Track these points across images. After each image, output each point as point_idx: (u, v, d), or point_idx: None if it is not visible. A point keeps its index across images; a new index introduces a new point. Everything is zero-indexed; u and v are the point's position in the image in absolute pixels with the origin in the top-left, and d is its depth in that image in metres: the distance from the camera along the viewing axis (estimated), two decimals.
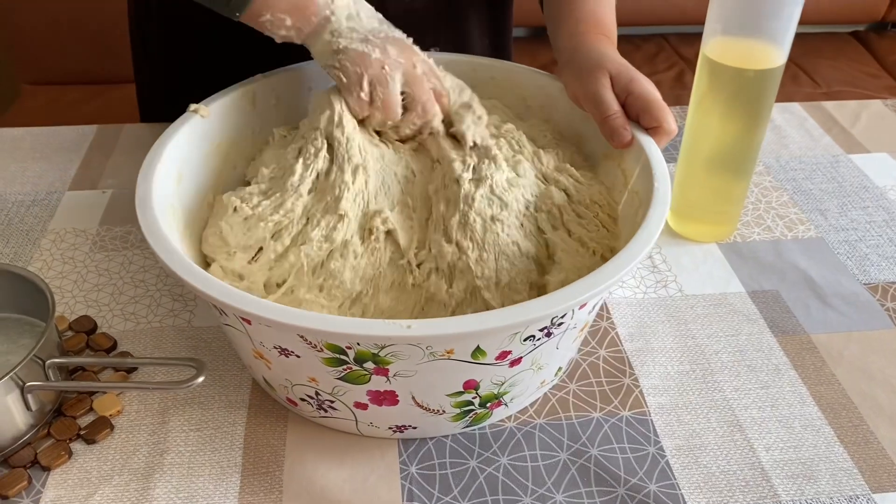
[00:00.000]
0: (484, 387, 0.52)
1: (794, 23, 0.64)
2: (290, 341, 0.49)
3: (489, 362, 0.50)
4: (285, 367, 0.52)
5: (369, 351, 0.47)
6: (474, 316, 0.46)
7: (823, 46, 1.84)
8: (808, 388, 0.61)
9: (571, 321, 0.52)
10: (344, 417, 0.55)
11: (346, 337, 0.45)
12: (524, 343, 0.50)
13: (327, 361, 0.49)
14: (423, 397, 0.52)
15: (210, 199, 0.65)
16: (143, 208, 0.54)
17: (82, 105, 1.57)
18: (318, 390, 0.53)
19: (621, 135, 0.61)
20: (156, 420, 0.58)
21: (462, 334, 0.45)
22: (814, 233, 0.77)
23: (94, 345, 0.63)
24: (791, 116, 0.96)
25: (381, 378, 0.50)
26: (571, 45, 0.67)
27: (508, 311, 0.46)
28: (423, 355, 0.48)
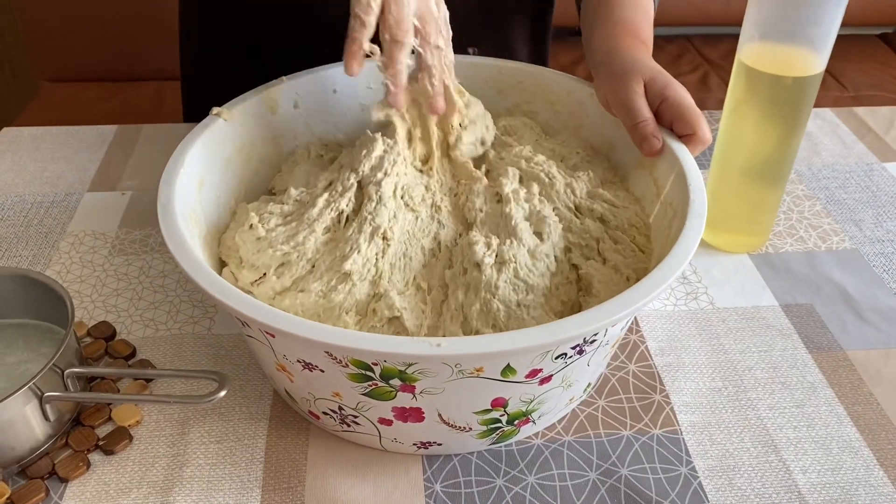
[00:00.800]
0: (512, 404, 0.51)
1: (836, 28, 0.62)
2: (314, 356, 0.47)
3: (519, 380, 0.48)
4: (308, 381, 0.51)
5: (396, 368, 0.46)
6: (506, 335, 0.44)
7: (850, 49, 1.81)
8: (845, 408, 0.59)
9: (604, 338, 0.51)
10: (367, 433, 0.53)
11: (374, 354, 0.44)
12: (555, 361, 0.48)
13: (352, 377, 0.47)
14: (450, 414, 0.50)
15: (232, 204, 0.64)
16: (165, 215, 0.53)
17: (100, 103, 1.56)
18: (342, 405, 0.51)
19: (651, 142, 0.59)
20: (175, 431, 0.56)
21: (493, 353, 0.44)
22: (848, 244, 0.75)
23: (113, 352, 0.62)
24: (823, 123, 0.94)
25: (407, 395, 0.48)
26: (606, 49, 0.65)
27: (541, 330, 0.44)
28: (451, 373, 0.46)
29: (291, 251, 0.55)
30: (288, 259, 0.55)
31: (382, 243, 0.55)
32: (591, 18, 0.69)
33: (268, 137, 0.68)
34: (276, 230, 0.56)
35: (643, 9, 0.68)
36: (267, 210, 0.58)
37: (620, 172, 0.66)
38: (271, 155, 0.68)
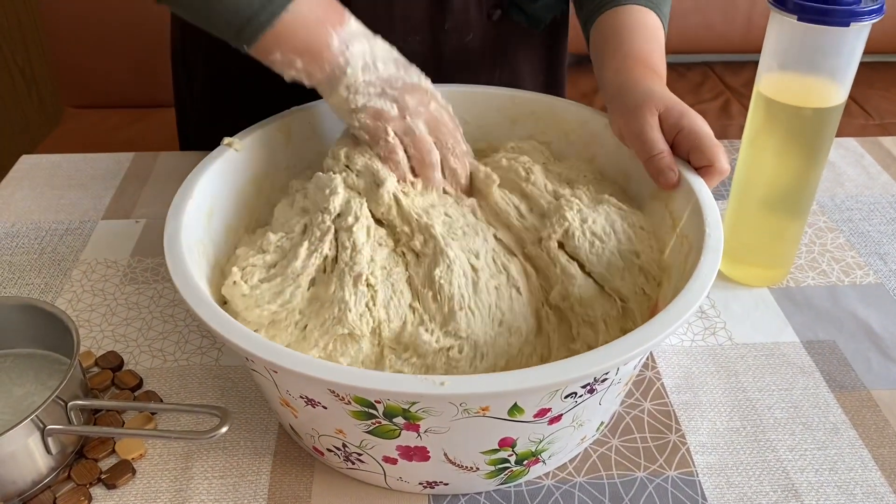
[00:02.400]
0: (521, 444, 0.49)
1: (857, 59, 0.60)
2: (316, 392, 0.46)
3: (527, 420, 0.47)
4: (312, 417, 0.50)
5: (400, 406, 0.45)
6: (512, 374, 0.43)
7: (876, 77, 1.79)
8: (869, 451, 0.57)
9: (616, 376, 0.49)
10: (372, 471, 0.52)
11: (376, 393, 0.43)
12: (565, 400, 0.47)
13: (355, 414, 0.46)
14: (456, 454, 0.49)
15: (242, 234, 0.64)
16: (171, 248, 0.52)
17: (123, 129, 1.58)
18: (346, 442, 0.50)
19: (667, 175, 0.58)
20: (179, 465, 0.56)
21: (499, 393, 0.43)
22: (873, 278, 0.73)
23: (119, 382, 0.61)
24: (847, 153, 0.92)
25: (411, 433, 0.47)
26: (618, 81, 0.63)
27: (549, 369, 0.43)
28: (456, 412, 0.45)
29: (280, 310, 0.53)
30: (277, 318, 0.53)
31: (368, 290, 0.53)
32: (601, 51, 0.68)
33: (280, 167, 0.67)
34: (260, 287, 0.55)
35: (654, 38, 0.67)
36: (250, 262, 0.56)
37: (636, 204, 0.65)
38: (283, 184, 0.68)
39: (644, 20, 0.68)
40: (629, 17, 0.69)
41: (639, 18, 0.69)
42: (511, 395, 0.44)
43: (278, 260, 0.56)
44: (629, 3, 0.69)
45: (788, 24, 0.59)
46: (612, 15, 0.69)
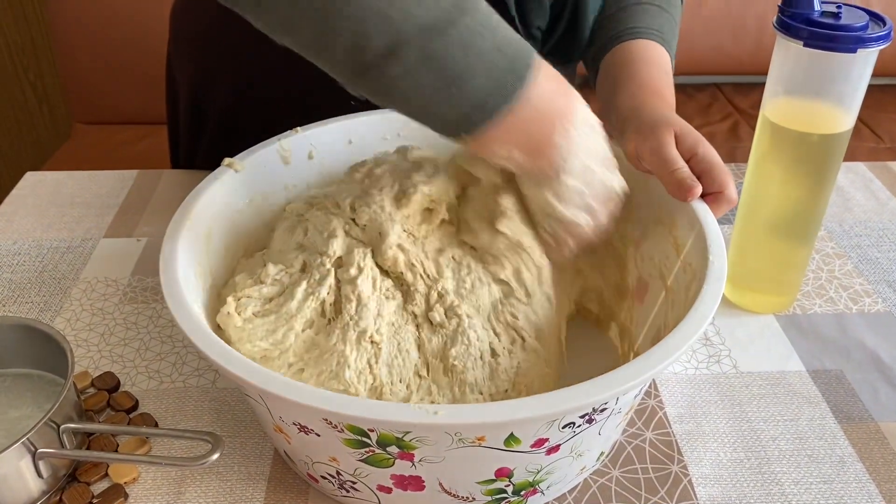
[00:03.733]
0: (518, 475, 0.48)
1: (864, 85, 0.60)
2: (309, 419, 0.46)
3: (524, 450, 0.46)
4: (305, 444, 0.49)
5: (393, 435, 0.44)
6: (507, 403, 0.42)
7: (887, 99, 1.78)
8: (876, 486, 0.55)
9: (616, 406, 0.48)
10: (367, 499, 0.51)
11: (369, 422, 0.42)
12: (563, 430, 0.46)
13: (348, 443, 0.46)
14: (452, 484, 0.48)
15: (239, 256, 0.63)
16: (167, 270, 0.52)
17: (131, 145, 1.59)
18: (340, 470, 0.49)
19: (688, 185, 0.56)
20: (172, 489, 0.55)
21: (494, 424, 0.42)
22: (881, 307, 0.72)
23: (115, 404, 0.61)
24: (855, 177, 0.91)
25: (405, 462, 0.46)
26: (633, 105, 0.64)
27: (545, 399, 0.42)
28: (451, 442, 0.44)
29: (271, 348, 0.52)
30: (269, 355, 0.52)
31: (372, 347, 0.52)
32: (614, 79, 0.68)
33: (279, 188, 0.67)
34: (253, 321, 0.54)
35: (664, 71, 0.67)
36: (245, 293, 0.55)
37: (639, 230, 0.64)
38: (282, 205, 0.67)
39: (654, 53, 0.69)
40: (643, 50, 0.69)
41: (651, 52, 0.69)
42: (506, 425, 0.43)
43: (275, 295, 0.55)
44: (640, 37, 0.69)
45: (795, 49, 0.59)
46: (626, 47, 0.70)
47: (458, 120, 0.48)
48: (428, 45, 0.45)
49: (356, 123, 0.70)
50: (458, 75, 0.46)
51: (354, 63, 0.46)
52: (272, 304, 0.55)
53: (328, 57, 0.46)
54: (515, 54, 0.47)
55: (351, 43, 0.44)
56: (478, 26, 0.46)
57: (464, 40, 0.45)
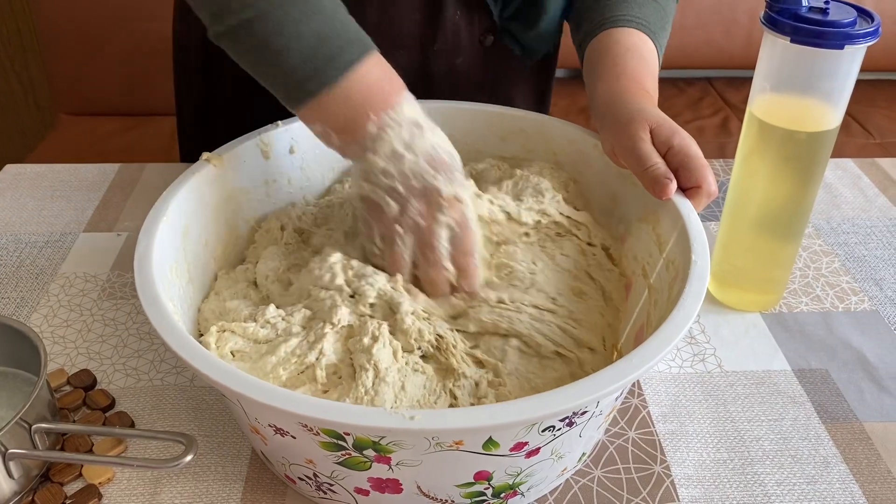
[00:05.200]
0: (497, 477, 0.48)
1: (852, 81, 0.59)
2: (285, 422, 0.45)
3: (503, 453, 0.45)
4: (281, 446, 0.48)
5: (369, 438, 0.43)
6: (485, 408, 0.41)
7: (877, 95, 1.77)
8: (860, 486, 0.55)
9: (596, 409, 0.47)
10: (344, 502, 0.50)
11: (345, 426, 0.41)
12: (543, 433, 0.45)
13: (324, 445, 0.45)
14: (430, 487, 0.47)
15: (219, 252, 0.62)
16: (141, 268, 0.51)
17: (117, 137, 1.57)
18: (317, 472, 0.48)
19: (663, 183, 0.55)
20: (147, 490, 0.54)
21: (471, 429, 0.41)
22: (868, 305, 0.71)
23: (91, 402, 0.60)
24: (844, 174, 0.91)
25: (382, 466, 0.45)
26: (609, 98, 0.62)
27: (523, 404, 0.41)
28: (428, 445, 0.43)
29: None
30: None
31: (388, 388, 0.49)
32: (594, 68, 0.67)
33: (260, 183, 0.66)
34: (227, 361, 0.52)
35: (645, 60, 0.66)
36: (230, 328, 0.54)
37: (623, 227, 0.63)
38: (262, 201, 0.66)
39: (638, 43, 0.67)
40: (625, 38, 0.68)
41: (634, 41, 0.68)
42: (484, 430, 0.42)
43: (262, 339, 0.54)
44: (622, 25, 0.68)
45: (782, 45, 0.58)
46: (609, 35, 0.68)
47: (284, 92, 0.55)
48: (249, 23, 0.53)
49: None
50: (277, 52, 0.53)
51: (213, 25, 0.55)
52: (253, 350, 0.53)
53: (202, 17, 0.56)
54: (339, 46, 0.54)
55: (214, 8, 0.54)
56: (303, 13, 0.53)
57: (282, 23, 0.53)
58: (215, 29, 0.55)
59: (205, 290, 0.61)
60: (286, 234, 0.64)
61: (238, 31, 0.54)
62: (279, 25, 0.52)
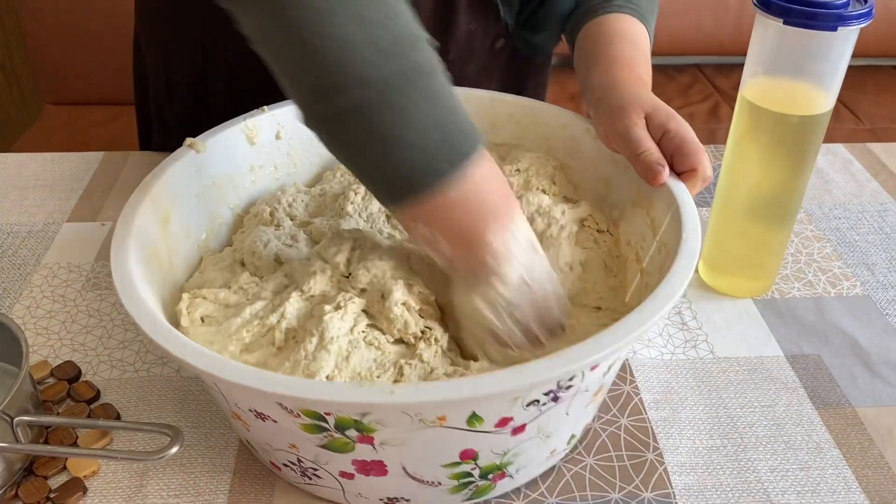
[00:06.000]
0: (483, 457, 0.47)
1: (845, 64, 0.58)
2: (264, 405, 0.44)
3: (487, 430, 0.44)
4: (263, 431, 0.47)
5: (350, 418, 0.42)
6: (466, 380, 0.40)
7: (867, 80, 1.77)
8: (853, 472, 0.55)
9: (582, 384, 0.46)
10: (330, 486, 0.50)
11: (323, 404, 0.40)
12: (527, 409, 0.44)
13: (306, 428, 0.44)
14: (416, 468, 0.47)
15: (203, 239, 0.62)
16: (118, 254, 0.50)
17: (101, 126, 1.55)
18: (300, 457, 0.48)
19: (655, 170, 0.54)
20: (133, 483, 0.53)
21: (453, 401, 0.40)
22: (860, 290, 0.71)
23: (75, 395, 0.59)
24: (835, 159, 0.90)
25: (366, 446, 0.44)
26: (605, 83, 0.62)
27: (505, 375, 0.40)
28: (411, 422, 0.42)
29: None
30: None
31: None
32: (588, 55, 0.66)
33: (245, 169, 0.65)
34: (196, 327, 0.52)
35: (638, 46, 0.66)
36: (202, 293, 0.54)
37: (617, 212, 0.62)
38: (247, 188, 0.65)
39: (631, 28, 0.67)
40: (617, 24, 0.67)
41: (626, 26, 0.67)
42: (466, 402, 0.41)
43: (234, 304, 0.53)
44: (615, 11, 0.67)
45: (774, 27, 0.57)
46: (600, 22, 0.68)
47: (385, 186, 0.47)
48: (365, 101, 0.43)
49: None
50: (388, 141, 0.44)
51: (302, 91, 0.45)
52: (223, 314, 0.52)
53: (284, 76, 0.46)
54: (457, 138, 0.46)
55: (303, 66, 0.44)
56: (422, 99, 0.44)
57: (402, 108, 0.44)
58: (316, 109, 0.46)
59: (188, 277, 0.60)
60: (277, 218, 0.63)
61: (347, 115, 0.44)
62: (399, 111, 0.44)
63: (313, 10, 0.42)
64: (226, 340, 0.50)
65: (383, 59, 0.43)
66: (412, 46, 0.45)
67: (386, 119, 0.44)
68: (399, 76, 0.44)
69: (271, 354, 0.50)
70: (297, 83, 0.45)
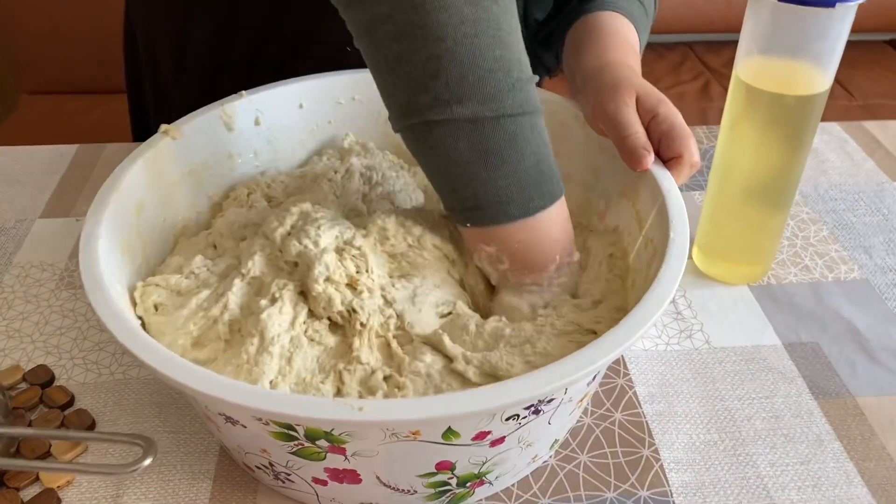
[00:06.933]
0: (461, 467, 0.45)
1: (842, 44, 0.56)
2: (233, 412, 0.42)
3: (465, 443, 0.42)
4: (235, 435, 0.45)
5: (321, 429, 0.40)
6: (440, 398, 0.38)
7: (858, 56, 1.75)
8: (854, 464, 0.53)
9: (565, 396, 0.45)
10: (303, 491, 0.48)
11: (289, 417, 0.38)
12: (507, 422, 0.42)
13: (276, 435, 0.42)
14: (390, 477, 0.45)
15: (179, 229, 0.59)
16: (86, 247, 0.48)
17: (80, 116, 1.52)
18: (272, 461, 0.46)
19: (639, 154, 0.53)
20: (109, 493, 0.51)
21: (425, 420, 0.38)
22: (857, 274, 0.69)
23: (48, 400, 0.56)
24: (830, 138, 0.88)
25: (338, 456, 0.43)
26: (595, 65, 0.61)
27: (481, 393, 0.38)
28: (384, 436, 0.40)
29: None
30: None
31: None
32: (577, 48, 0.66)
33: (223, 156, 0.62)
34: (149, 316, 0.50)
35: (629, 42, 0.66)
36: (154, 281, 0.52)
37: (603, 202, 0.60)
38: (225, 175, 0.63)
39: (622, 26, 0.67)
40: (609, 21, 0.67)
41: (618, 24, 0.67)
42: (441, 420, 0.39)
43: (184, 290, 0.51)
44: (604, 9, 0.68)
45: (769, 5, 0.55)
46: (594, 17, 0.68)
47: (472, 207, 0.49)
48: (484, 119, 0.46)
49: (308, 86, 0.66)
50: (494, 162, 0.47)
51: (419, 93, 0.46)
52: (173, 303, 0.50)
53: (395, 76, 0.46)
54: (549, 178, 0.49)
55: (431, 72, 0.45)
56: (531, 132, 0.47)
57: (515, 135, 0.47)
58: (424, 117, 0.46)
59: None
60: (252, 199, 0.60)
61: (457, 126, 0.46)
62: (511, 137, 0.46)
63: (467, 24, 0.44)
64: (175, 333, 0.48)
65: (511, 89, 0.46)
66: (531, 83, 0.48)
67: (500, 141, 0.46)
68: (518, 108, 0.46)
69: (220, 350, 0.48)
70: (416, 85, 0.46)
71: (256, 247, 0.52)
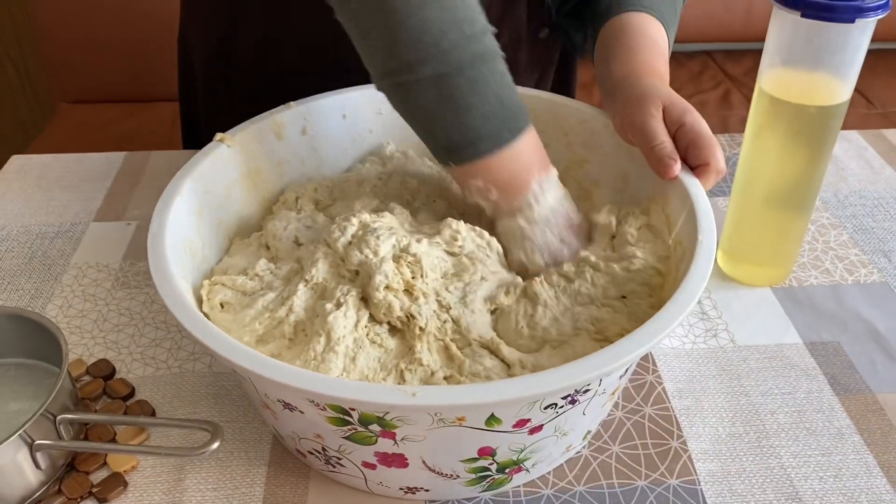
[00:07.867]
0: (501, 453, 0.48)
1: (862, 54, 0.59)
2: (293, 398, 0.45)
3: (506, 430, 0.46)
4: (291, 421, 0.49)
5: (374, 414, 0.44)
6: (487, 385, 0.42)
7: (878, 64, 1.77)
8: (874, 457, 0.56)
9: (599, 387, 0.48)
10: (352, 475, 0.51)
11: (347, 401, 0.42)
12: (545, 411, 0.46)
13: (331, 420, 0.46)
14: (435, 462, 0.48)
15: (234, 232, 0.63)
16: (154, 247, 0.52)
17: (117, 124, 1.56)
18: (325, 446, 0.49)
19: (667, 163, 0.56)
20: (172, 477, 0.55)
21: (472, 405, 0.41)
22: (877, 277, 0.72)
23: (111, 391, 0.60)
24: (850, 146, 0.91)
25: (388, 441, 0.46)
26: (623, 73, 0.63)
27: (525, 382, 0.42)
28: (431, 421, 0.44)
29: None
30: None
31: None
32: (608, 48, 0.68)
33: (273, 163, 0.66)
34: (214, 314, 0.54)
35: (658, 45, 0.67)
36: (221, 280, 0.56)
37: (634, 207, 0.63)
38: (275, 181, 0.67)
39: (652, 27, 0.69)
40: (639, 23, 0.69)
41: (647, 26, 0.69)
42: (485, 406, 0.43)
43: (249, 291, 0.55)
44: (633, 9, 0.69)
45: (792, 20, 0.58)
46: (622, 18, 0.70)
47: (451, 148, 0.56)
48: (446, 74, 0.52)
49: (350, 97, 0.69)
50: (461, 108, 0.53)
51: (387, 59, 0.53)
52: (238, 302, 0.54)
53: (366, 45, 0.54)
54: (514, 112, 0.55)
55: (391, 40, 0.52)
56: (490, 76, 0.54)
57: (475, 81, 0.53)
58: (399, 76, 0.53)
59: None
60: (301, 203, 0.64)
61: (423, 83, 0.53)
62: (472, 83, 0.53)
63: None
64: (241, 331, 0.52)
65: (466, 42, 0.52)
66: (485, 35, 0.54)
67: (462, 90, 0.53)
68: (476, 57, 0.53)
69: (284, 347, 0.52)
70: (382, 52, 0.53)
71: (319, 254, 0.55)
